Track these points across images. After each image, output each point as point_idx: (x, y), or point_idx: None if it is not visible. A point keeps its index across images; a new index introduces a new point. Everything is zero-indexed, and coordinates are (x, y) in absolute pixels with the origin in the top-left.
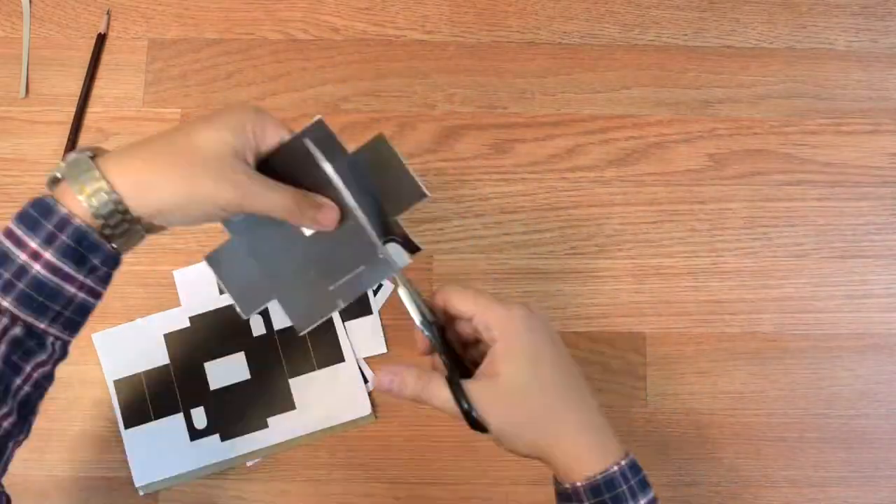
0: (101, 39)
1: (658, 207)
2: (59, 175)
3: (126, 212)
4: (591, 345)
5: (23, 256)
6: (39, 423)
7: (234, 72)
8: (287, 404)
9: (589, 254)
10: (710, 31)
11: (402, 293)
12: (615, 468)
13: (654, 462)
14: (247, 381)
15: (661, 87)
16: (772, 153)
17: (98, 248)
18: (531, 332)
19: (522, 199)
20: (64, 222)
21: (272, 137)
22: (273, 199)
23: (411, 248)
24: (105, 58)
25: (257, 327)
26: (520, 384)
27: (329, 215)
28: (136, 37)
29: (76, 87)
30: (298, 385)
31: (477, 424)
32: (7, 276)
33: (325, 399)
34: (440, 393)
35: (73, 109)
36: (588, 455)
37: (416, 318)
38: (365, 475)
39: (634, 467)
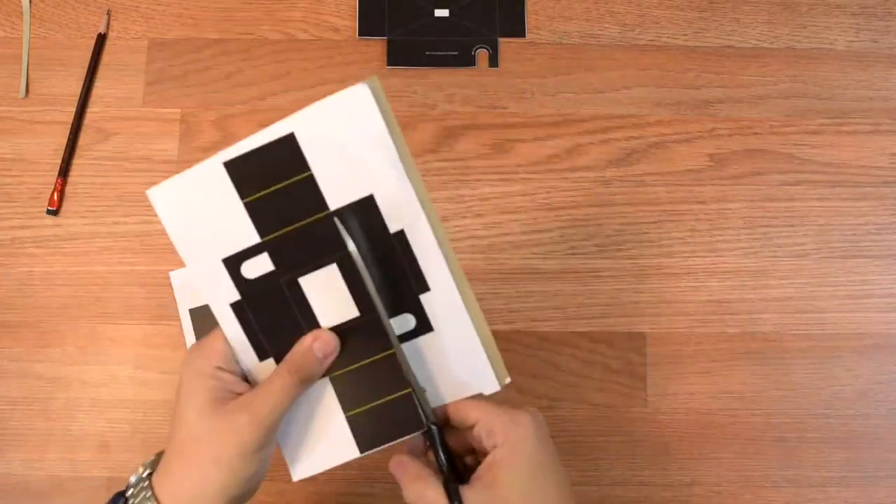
0: (101, 39)
1: (658, 207)
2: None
3: None
4: (591, 345)
5: None
6: (39, 423)
7: (234, 72)
8: None
9: (589, 254)
10: (710, 31)
11: (420, 394)
12: None
13: (654, 462)
14: None
15: (661, 87)
16: (772, 153)
17: None
18: (536, 442)
19: (522, 199)
20: None
21: (220, 347)
22: (275, 398)
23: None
24: (105, 58)
25: None
26: (518, 495)
27: (321, 345)
28: (136, 37)
29: (76, 87)
30: None
31: None
32: None
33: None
34: (432, 495)
35: (73, 109)
36: None
37: (422, 418)
38: (365, 475)
39: None
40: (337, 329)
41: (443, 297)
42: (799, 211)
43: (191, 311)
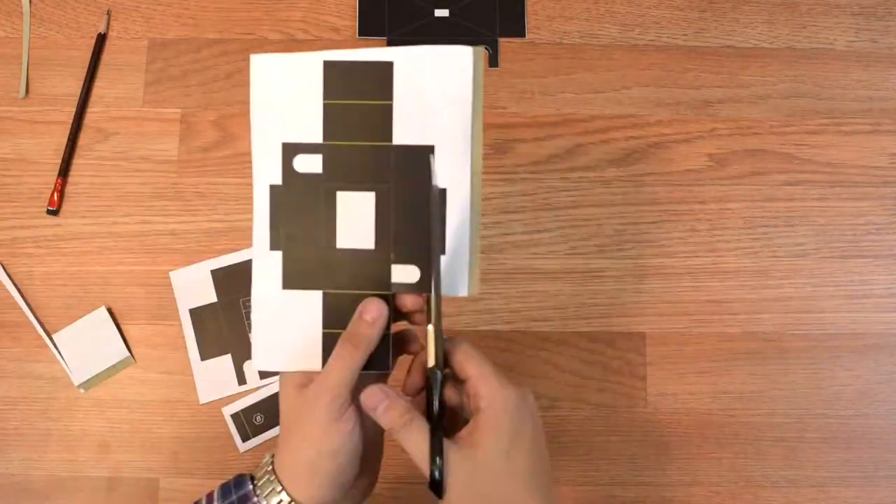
0: (101, 39)
1: (658, 207)
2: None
3: None
4: (591, 345)
5: None
6: (39, 423)
7: (234, 72)
8: None
9: (589, 254)
10: (710, 31)
11: (431, 332)
12: None
13: (654, 462)
14: None
15: (661, 87)
16: (772, 153)
17: None
18: (518, 415)
19: (522, 199)
20: (245, 498)
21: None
22: (343, 369)
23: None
24: (105, 58)
25: None
26: (492, 463)
27: (372, 312)
28: (136, 37)
29: (76, 87)
30: None
31: (436, 486)
32: None
33: None
34: (417, 438)
35: (73, 109)
36: None
37: (433, 361)
38: None
39: None
40: (348, 251)
41: (453, 267)
42: (799, 211)
43: (191, 310)
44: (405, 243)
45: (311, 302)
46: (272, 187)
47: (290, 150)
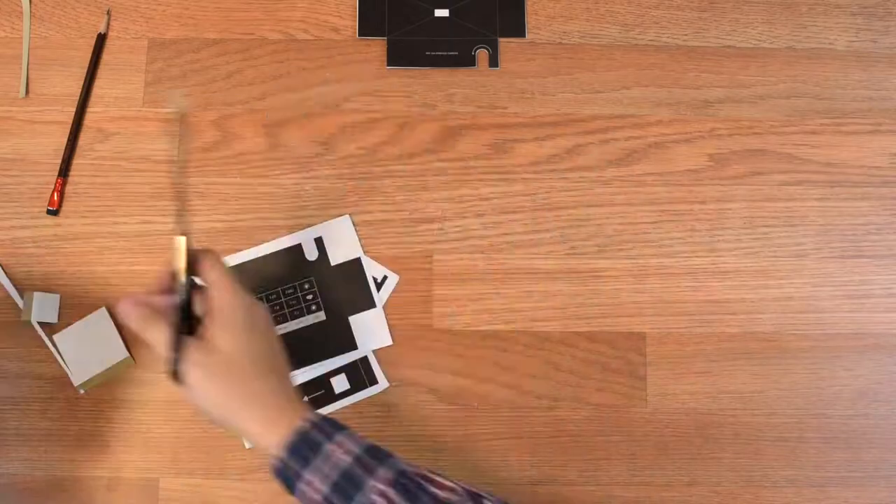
0: (101, 39)
1: (658, 207)
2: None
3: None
4: (591, 345)
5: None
6: (39, 422)
7: (234, 72)
8: None
9: (589, 254)
10: (710, 31)
11: (182, 241)
12: (303, 423)
13: (654, 462)
14: None
15: (661, 87)
16: (772, 153)
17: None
18: (250, 312)
19: (522, 199)
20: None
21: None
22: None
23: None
24: (105, 58)
25: None
26: (226, 349)
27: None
28: (136, 37)
29: (76, 87)
30: None
31: (176, 375)
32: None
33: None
34: (158, 336)
35: (73, 109)
36: (278, 417)
37: (182, 265)
38: None
39: (327, 420)
40: None
41: None
42: (799, 211)
43: None
44: None
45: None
46: None
47: None
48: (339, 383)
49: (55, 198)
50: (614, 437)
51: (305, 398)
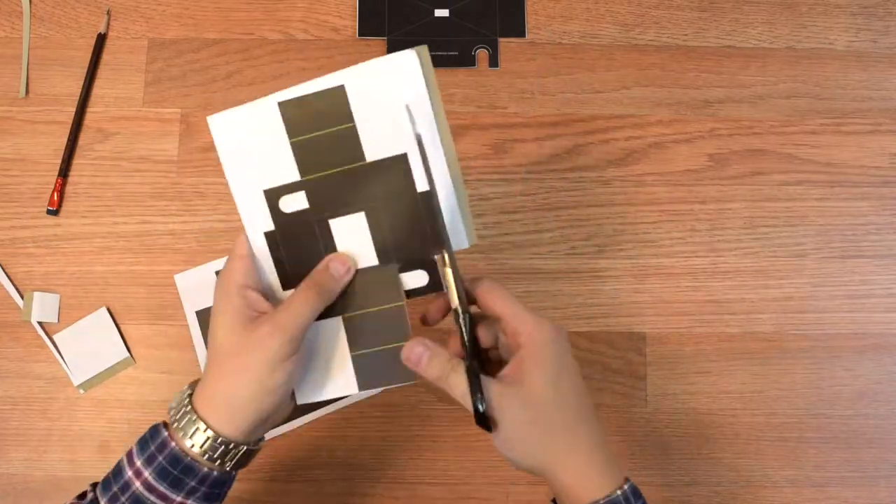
0: (101, 39)
1: (658, 207)
2: (168, 421)
3: (229, 442)
4: (591, 345)
5: (129, 472)
6: (39, 422)
7: (234, 72)
8: None
9: (589, 254)
10: (710, 31)
11: (450, 274)
12: (619, 493)
13: (654, 462)
14: None
15: (661, 87)
16: (772, 153)
17: (194, 471)
18: (558, 347)
19: (522, 199)
20: (163, 445)
21: (245, 267)
22: (297, 311)
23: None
24: (105, 58)
25: None
26: (542, 395)
27: (338, 265)
28: (136, 37)
29: (76, 87)
30: None
31: (483, 419)
32: (115, 489)
33: None
34: (461, 382)
35: (73, 109)
36: (596, 476)
37: (456, 303)
38: (365, 475)
39: (636, 493)
40: (355, 273)
41: (452, 226)
42: (799, 211)
43: (197, 312)
44: (406, 251)
45: (332, 329)
46: (267, 234)
47: (272, 196)
48: None
49: (55, 198)
50: (614, 437)
51: None
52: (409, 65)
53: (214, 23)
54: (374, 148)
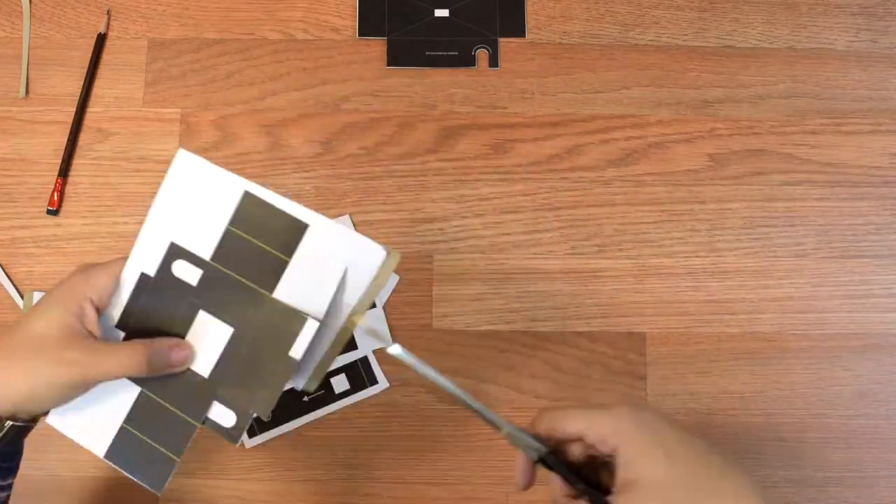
0: (101, 39)
1: (658, 207)
2: None
3: None
4: (591, 345)
5: None
6: (39, 423)
7: (234, 72)
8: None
9: (589, 254)
10: (710, 31)
11: (509, 434)
12: None
13: None
14: None
15: (661, 87)
16: (772, 153)
17: None
18: (647, 424)
19: (522, 199)
20: None
21: (106, 285)
22: (119, 361)
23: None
24: (105, 58)
25: None
26: (661, 480)
27: (180, 354)
28: (136, 37)
29: (76, 87)
30: None
31: None
32: None
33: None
34: None
35: (73, 109)
36: None
37: (533, 454)
38: (365, 475)
39: None
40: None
41: (307, 364)
42: (799, 211)
43: None
44: (237, 390)
45: (126, 392)
46: (142, 276)
47: (174, 252)
48: (339, 383)
49: (55, 198)
50: None
51: (305, 398)
52: (372, 258)
53: (214, 23)
54: (287, 291)
